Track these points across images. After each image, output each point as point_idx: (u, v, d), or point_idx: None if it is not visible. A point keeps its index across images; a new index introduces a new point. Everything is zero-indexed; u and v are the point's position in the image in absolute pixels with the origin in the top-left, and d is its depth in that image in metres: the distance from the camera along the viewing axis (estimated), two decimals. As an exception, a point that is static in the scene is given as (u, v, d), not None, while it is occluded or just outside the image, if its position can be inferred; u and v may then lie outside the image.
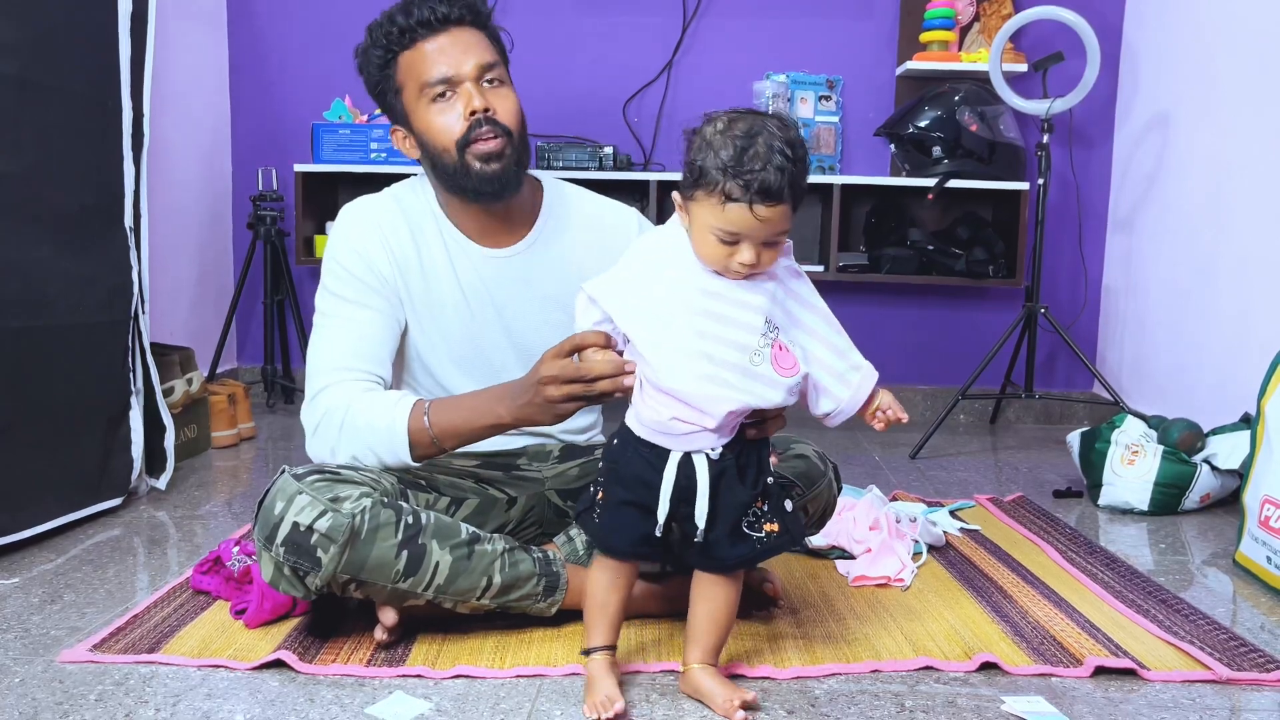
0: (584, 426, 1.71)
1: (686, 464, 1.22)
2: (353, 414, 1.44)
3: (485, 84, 1.49)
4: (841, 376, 1.27)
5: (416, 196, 1.59)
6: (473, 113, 1.46)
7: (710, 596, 1.28)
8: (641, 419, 1.23)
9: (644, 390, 1.23)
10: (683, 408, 1.20)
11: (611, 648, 1.29)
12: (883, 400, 1.28)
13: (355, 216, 1.56)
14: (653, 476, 1.22)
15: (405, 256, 1.55)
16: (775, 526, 1.25)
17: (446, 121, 1.47)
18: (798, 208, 1.18)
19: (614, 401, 1.30)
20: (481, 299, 1.58)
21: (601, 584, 1.28)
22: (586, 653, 1.29)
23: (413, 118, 1.50)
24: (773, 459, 1.31)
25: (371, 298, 1.52)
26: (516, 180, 1.52)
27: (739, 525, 1.24)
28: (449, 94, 1.47)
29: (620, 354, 1.26)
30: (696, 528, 1.22)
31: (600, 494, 1.29)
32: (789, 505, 1.28)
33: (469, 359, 1.60)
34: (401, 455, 1.43)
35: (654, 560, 1.30)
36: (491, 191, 1.50)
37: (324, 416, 1.46)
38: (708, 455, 1.21)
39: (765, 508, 1.25)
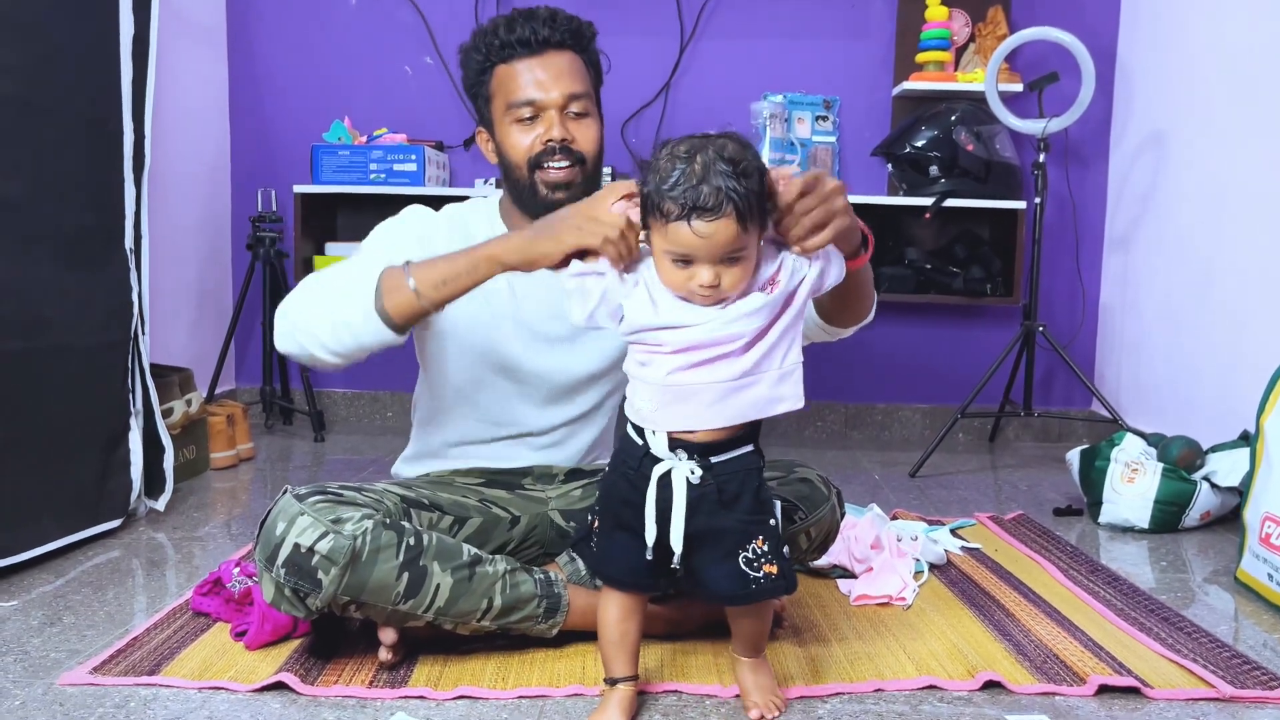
0: (585, 448, 1.71)
1: (665, 484, 1.21)
2: (326, 275, 1.38)
3: (570, 114, 1.52)
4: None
5: (476, 213, 1.63)
6: (548, 140, 1.50)
7: (739, 622, 1.29)
8: (633, 406, 1.23)
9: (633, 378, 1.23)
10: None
11: (635, 678, 1.29)
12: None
13: (408, 213, 1.61)
14: (636, 496, 1.23)
15: (438, 249, 1.49)
16: (774, 569, 1.23)
17: (524, 141, 1.50)
18: (749, 222, 1.13)
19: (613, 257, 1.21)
20: (502, 297, 1.58)
21: (613, 615, 1.28)
22: (611, 682, 1.28)
23: (496, 127, 1.55)
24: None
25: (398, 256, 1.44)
26: None
27: (734, 557, 1.22)
28: (532, 117, 1.51)
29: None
30: (674, 552, 1.21)
31: (595, 522, 1.30)
32: (787, 551, 1.26)
33: (478, 346, 1.59)
34: (364, 303, 1.31)
35: (652, 590, 1.30)
36: None
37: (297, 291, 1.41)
38: (688, 477, 1.20)
39: (766, 548, 1.23)
